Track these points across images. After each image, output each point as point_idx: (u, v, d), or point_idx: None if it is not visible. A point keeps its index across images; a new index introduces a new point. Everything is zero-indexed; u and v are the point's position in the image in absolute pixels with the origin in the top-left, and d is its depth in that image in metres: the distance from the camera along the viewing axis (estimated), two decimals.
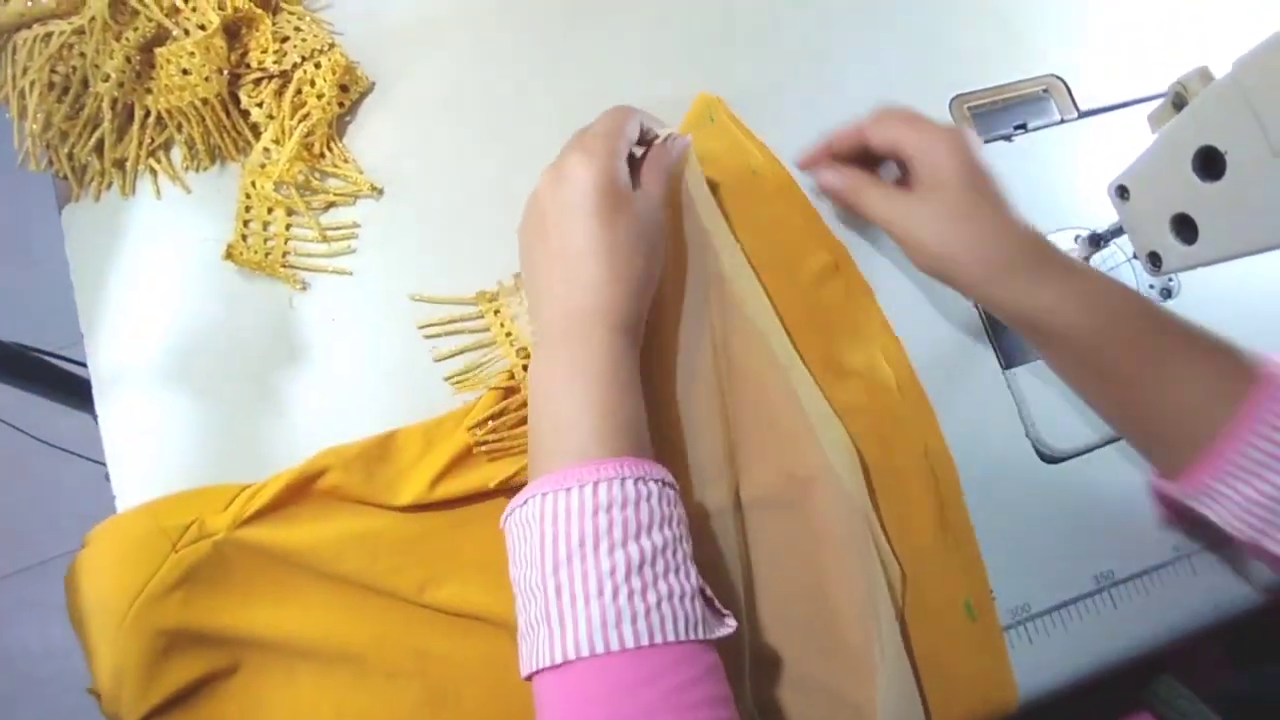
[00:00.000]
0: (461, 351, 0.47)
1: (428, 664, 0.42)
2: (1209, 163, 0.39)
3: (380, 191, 0.50)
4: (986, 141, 0.56)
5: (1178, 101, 0.43)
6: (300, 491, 0.42)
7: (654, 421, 0.44)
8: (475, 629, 0.43)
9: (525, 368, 0.45)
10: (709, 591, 0.37)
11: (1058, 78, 0.58)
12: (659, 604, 0.34)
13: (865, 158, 0.50)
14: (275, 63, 0.47)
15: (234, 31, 0.48)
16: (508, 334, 0.47)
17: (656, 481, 0.37)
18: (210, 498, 0.42)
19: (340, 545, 0.42)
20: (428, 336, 0.47)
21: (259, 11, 0.47)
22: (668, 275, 0.46)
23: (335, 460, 0.42)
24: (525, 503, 0.36)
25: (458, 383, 0.46)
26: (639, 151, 0.46)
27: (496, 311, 0.47)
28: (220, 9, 0.46)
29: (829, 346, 0.49)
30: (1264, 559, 0.41)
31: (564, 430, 0.37)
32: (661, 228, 0.43)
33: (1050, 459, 0.50)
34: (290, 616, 0.41)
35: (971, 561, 0.47)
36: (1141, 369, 0.41)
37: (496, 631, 0.42)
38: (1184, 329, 0.42)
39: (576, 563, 0.34)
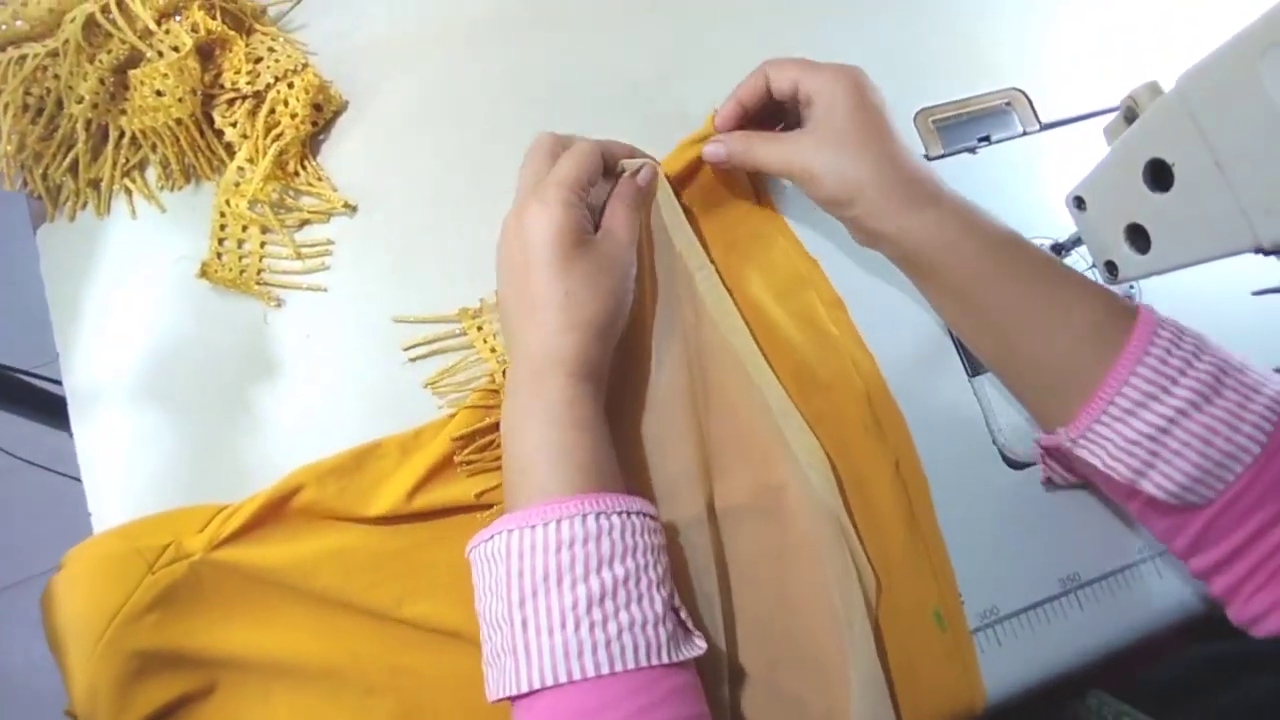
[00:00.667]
0: (450, 370, 0.48)
1: (402, 680, 0.43)
2: (1158, 174, 0.40)
3: (354, 208, 0.50)
4: (951, 154, 0.57)
5: (1129, 115, 0.44)
6: (276, 510, 0.43)
7: (629, 438, 0.45)
8: (450, 645, 0.43)
9: None
10: (683, 613, 0.38)
11: (1020, 91, 0.59)
12: (620, 634, 0.35)
13: (769, 112, 0.51)
14: (249, 83, 0.48)
15: (207, 52, 0.49)
16: (492, 349, 0.47)
17: (620, 514, 0.38)
18: (186, 519, 0.42)
19: (315, 562, 0.43)
20: (413, 359, 0.48)
21: (232, 33, 0.48)
22: (641, 297, 0.47)
23: (310, 476, 0.43)
24: (491, 538, 0.38)
25: (441, 392, 0.47)
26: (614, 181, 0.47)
27: (480, 327, 0.48)
28: (193, 31, 0.46)
29: (801, 358, 0.50)
30: (1138, 508, 0.42)
31: (527, 470, 0.39)
32: (628, 266, 0.44)
33: (1016, 464, 0.50)
34: (266, 636, 0.42)
35: (941, 571, 0.47)
36: (1026, 305, 0.42)
37: (471, 648, 0.42)
38: (1067, 271, 0.43)
39: (541, 597, 0.35)
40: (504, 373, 0.46)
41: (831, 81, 0.46)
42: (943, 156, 0.57)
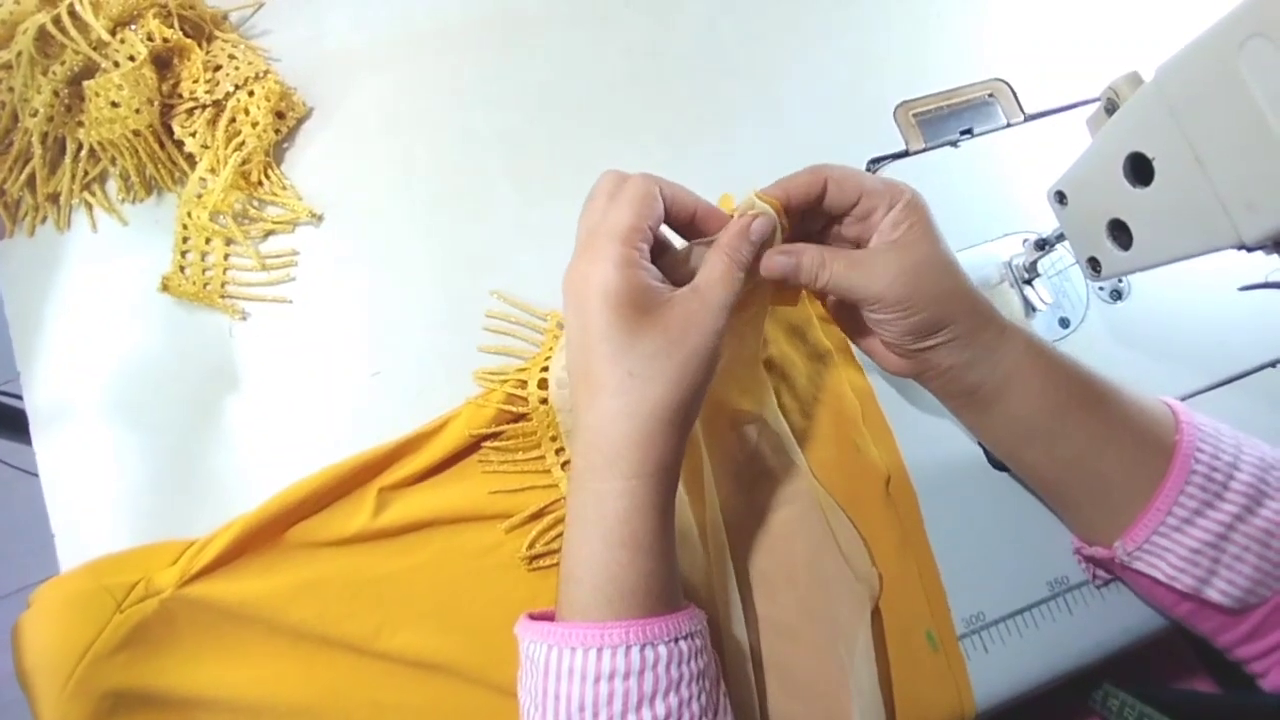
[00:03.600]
0: (502, 353, 0.47)
1: (383, 715, 0.42)
2: (1139, 168, 0.39)
3: (320, 217, 0.49)
4: (932, 148, 0.55)
5: (1109, 106, 0.42)
6: (247, 543, 0.42)
7: None
8: (430, 677, 0.42)
9: (543, 400, 0.45)
10: None
11: (1003, 82, 0.58)
12: None
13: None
14: (207, 92, 0.47)
15: (166, 61, 0.48)
16: (542, 370, 0.45)
17: (669, 642, 0.34)
18: (156, 554, 0.42)
19: (290, 594, 0.42)
20: (490, 329, 0.48)
21: (189, 41, 0.47)
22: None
23: (281, 505, 0.42)
24: (530, 643, 0.35)
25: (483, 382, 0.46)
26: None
27: (556, 337, 0.47)
28: (149, 40, 0.45)
29: (795, 376, 0.49)
30: (1186, 612, 0.42)
31: (574, 581, 0.35)
32: (711, 334, 0.35)
33: (1000, 465, 0.49)
34: (240, 674, 0.41)
35: (933, 591, 0.46)
36: (1087, 428, 0.41)
37: (452, 679, 0.42)
38: (1113, 386, 0.42)
39: None
40: (541, 383, 0.45)
41: (900, 197, 0.39)
42: (924, 151, 0.55)
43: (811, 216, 0.41)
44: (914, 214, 0.39)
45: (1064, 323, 0.53)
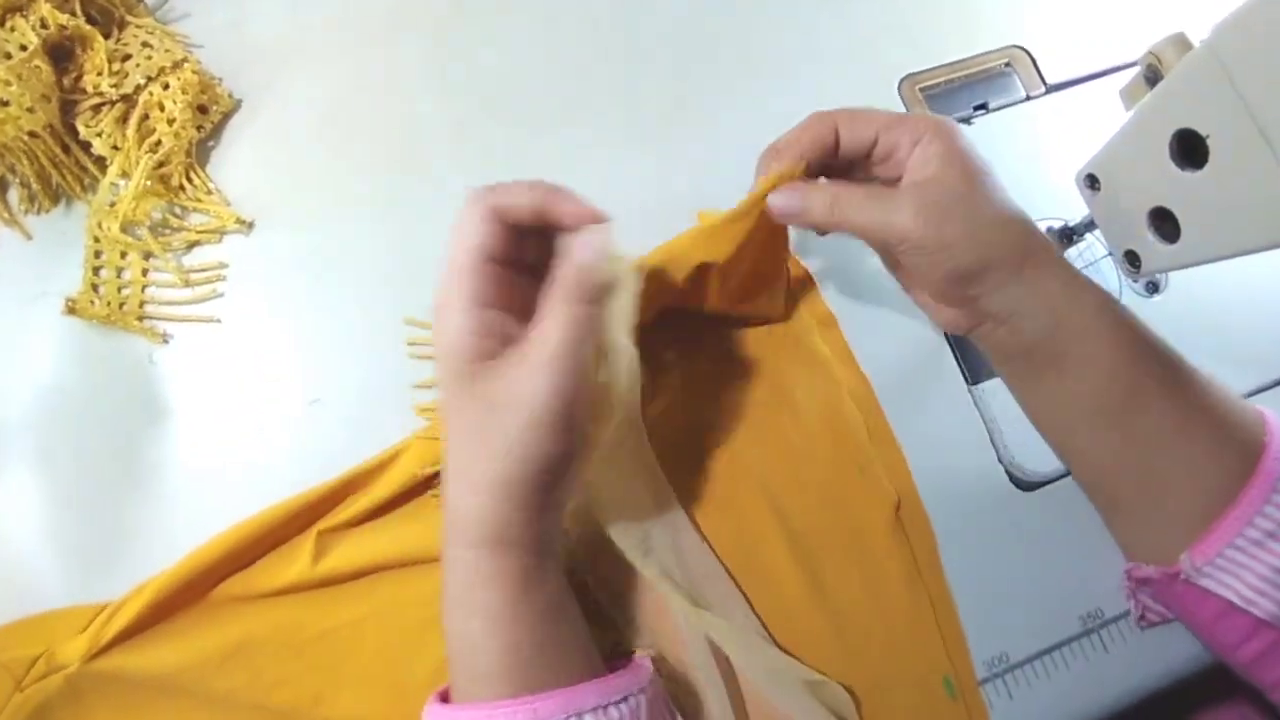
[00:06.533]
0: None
1: None
2: (1189, 148, 0.34)
3: (250, 225, 0.45)
4: None
5: (1150, 75, 0.37)
6: (166, 605, 0.37)
7: None
8: None
9: None
10: None
11: (1021, 48, 0.52)
12: None
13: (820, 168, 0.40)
14: (113, 85, 0.41)
15: (68, 52, 0.42)
16: None
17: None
18: (60, 622, 0.37)
19: (217, 659, 0.37)
20: (417, 356, 0.43)
21: (89, 29, 0.41)
22: None
23: (203, 559, 0.37)
24: None
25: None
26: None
27: None
28: (42, 27, 0.40)
29: (792, 399, 0.44)
30: (1254, 652, 0.37)
31: (451, 656, 0.33)
32: (552, 389, 0.30)
33: (1026, 485, 0.44)
34: None
35: (950, 630, 0.41)
36: (1166, 418, 0.36)
37: None
38: (1198, 372, 0.37)
39: None
40: None
41: (926, 128, 0.36)
42: None
43: (832, 170, 0.39)
44: (940, 142, 0.36)
45: None
